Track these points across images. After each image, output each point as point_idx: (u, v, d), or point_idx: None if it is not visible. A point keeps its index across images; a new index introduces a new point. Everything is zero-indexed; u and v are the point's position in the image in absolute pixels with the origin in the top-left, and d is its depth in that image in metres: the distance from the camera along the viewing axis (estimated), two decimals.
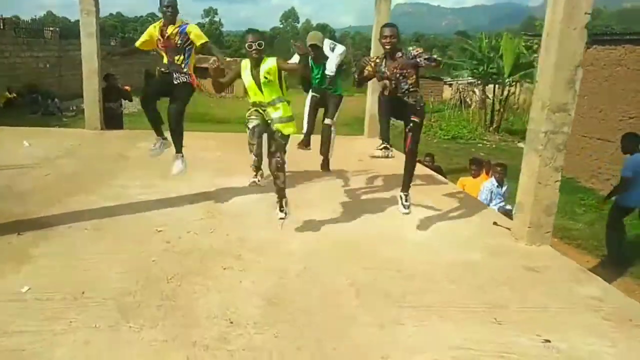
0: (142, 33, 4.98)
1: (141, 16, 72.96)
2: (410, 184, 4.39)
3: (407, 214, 4.32)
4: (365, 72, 4.41)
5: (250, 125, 4.19)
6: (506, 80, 17.36)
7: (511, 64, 16.58)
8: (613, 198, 6.45)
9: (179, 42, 4.62)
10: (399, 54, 4.18)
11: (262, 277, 3.32)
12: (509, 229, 4.49)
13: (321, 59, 5.60)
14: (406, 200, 4.33)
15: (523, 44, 16.50)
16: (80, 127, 10.55)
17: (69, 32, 22.80)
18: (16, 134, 7.45)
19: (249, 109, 4.26)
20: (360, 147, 7.21)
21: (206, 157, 6.45)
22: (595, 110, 10.25)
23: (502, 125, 18.00)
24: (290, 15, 73.13)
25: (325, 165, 6.10)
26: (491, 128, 17.71)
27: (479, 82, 21.42)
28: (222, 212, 4.60)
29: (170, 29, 4.61)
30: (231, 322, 2.75)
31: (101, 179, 5.38)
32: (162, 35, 4.64)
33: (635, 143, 6.10)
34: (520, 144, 16.60)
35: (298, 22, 72.59)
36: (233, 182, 5.51)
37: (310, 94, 5.80)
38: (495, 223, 4.68)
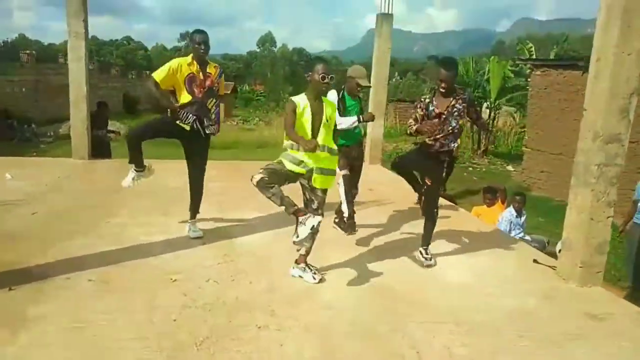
0: (118, 57, 4.46)
1: (116, 39, 72.33)
2: (430, 240, 4.19)
3: (433, 265, 4.06)
4: (418, 117, 3.96)
5: (287, 168, 3.44)
6: (493, 104, 17.40)
7: (498, 88, 16.63)
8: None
9: (217, 85, 4.22)
10: (455, 94, 3.92)
11: (305, 339, 2.86)
12: (553, 267, 4.14)
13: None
14: (427, 253, 4.12)
15: (509, 68, 16.58)
16: (59, 154, 9.93)
17: (45, 55, 22.07)
18: None
19: (288, 150, 3.49)
20: (364, 175, 6.85)
21: (209, 189, 5.95)
22: None
23: (488, 148, 18.00)
24: (267, 40, 73.32)
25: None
26: (479, 151, 17.65)
27: None
28: (240, 253, 4.13)
29: (211, 69, 4.16)
30: None
31: (97, 216, 4.84)
32: (201, 74, 4.09)
33: None
34: (510, 167, 16.59)
35: (275, 47, 72.81)
36: (245, 216, 5.06)
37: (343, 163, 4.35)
38: (535, 261, 4.33)
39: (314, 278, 3.59)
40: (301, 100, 3.43)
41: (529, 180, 12.30)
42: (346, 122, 4.27)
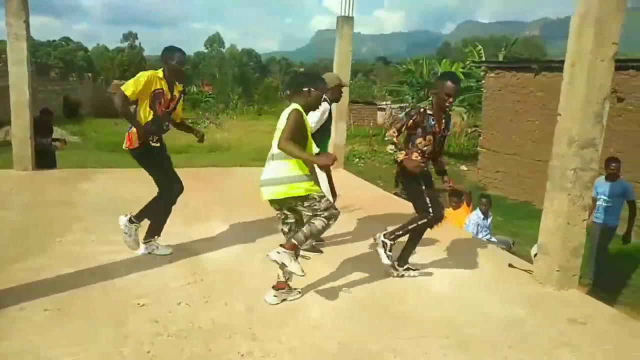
0: (56, 58, 4.11)
1: (54, 40, 68.88)
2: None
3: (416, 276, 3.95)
4: (404, 128, 3.72)
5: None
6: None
7: None
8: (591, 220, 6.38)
9: (176, 109, 3.97)
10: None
11: None
12: (529, 271, 4.15)
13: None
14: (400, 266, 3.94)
15: (461, 69, 16.98)
16: None
17: None
18: None
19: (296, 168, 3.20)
20: None
21: None
22: (548, 135, 10.51)
23: None
24: (215, 40, 71.97)
25: None
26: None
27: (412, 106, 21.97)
28: (209, 270, 3.87)
29: (176, 91, 3.91)
30: None
31: (48, 234, 4.43)
32: (169, 93, 3.85)
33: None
34: (463, 167, 16.98)
35: (223, 47, 71.59)
36: (211, 230, 4.79)
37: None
38: (511, 265, 4.34)
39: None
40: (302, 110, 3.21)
41: (485, 180, 12.60)
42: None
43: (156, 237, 4.08)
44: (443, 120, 3.81)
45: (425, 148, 3.75)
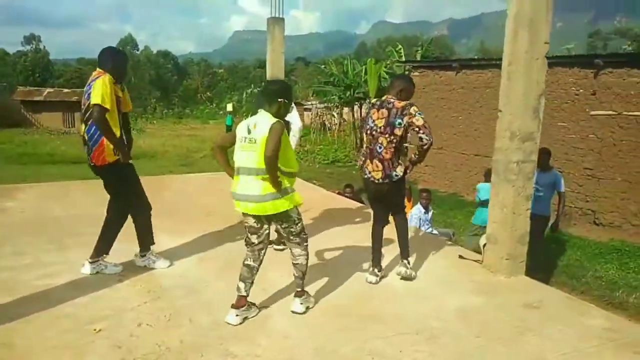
0: None
1: None
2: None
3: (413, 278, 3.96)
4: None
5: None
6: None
7: (375, 88, 17.44)
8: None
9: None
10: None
11: None
12: (478, 261, 4.35)
13: None
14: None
15: (384, 69, 17.47)
16: None
17: None
18: None
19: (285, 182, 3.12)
20: None
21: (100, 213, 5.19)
22: (470, 129, 11.11)
23: None
24: (128, 42, 68.67)
25: None
26: (361, 150, 18.37)
27: (337, 105, 22.34)
28: (166, 287, 3.67)
29: (119, 90, 3.70)
30: None
31: None
32: (120, 93, 3.70)
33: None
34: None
35: (137, 49, 68.48)
36: (160, 243, 4.53)
37: None
38: (461, 256, 4.52)
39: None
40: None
41: (415, 175, 13.05)
42: None
43: (104, 255, 3.81)
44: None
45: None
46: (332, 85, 19.88)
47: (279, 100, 3.10)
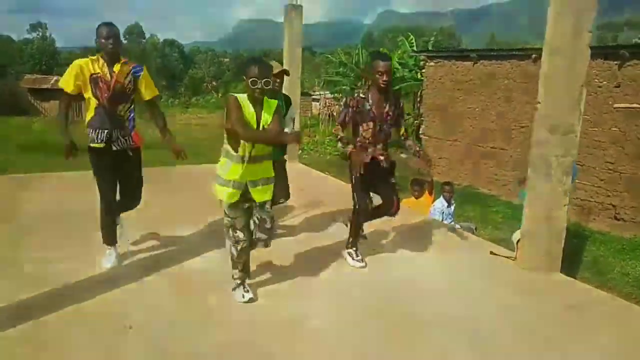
0: None
1: None
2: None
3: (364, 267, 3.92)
4: (347, 119, 3.65)
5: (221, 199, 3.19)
6: None
7: None
8: None
9: (130, 87, 3.52)
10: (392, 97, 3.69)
11: None
12: (512, 258, 4.23)
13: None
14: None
15: (396, 60, 17.24)
16: None
17: None
18: None
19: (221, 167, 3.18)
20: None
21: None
22: (487, 121, 10.93)
23: None
24: (135, 30, 68.51)
25: None
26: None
27: (347, 96, 22.09)
28: (194, 280, 3.59)
29: (118, 67, 3.43)
30: None
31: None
32: (108, 74, 3.41)
33: None
34: (403, 155, 17.32)
35: (144, 38, 68.31)
36: (179, 232, 4.46)
37: None
38: (492, 252, 4.40)
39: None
40: (241, 96, 3.04)
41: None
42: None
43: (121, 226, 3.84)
44: (387, 103, 3.67)
45: (367, 134, 3.65)
46: (342, 76, 19.68)
47: (243, 77, 3.03)
